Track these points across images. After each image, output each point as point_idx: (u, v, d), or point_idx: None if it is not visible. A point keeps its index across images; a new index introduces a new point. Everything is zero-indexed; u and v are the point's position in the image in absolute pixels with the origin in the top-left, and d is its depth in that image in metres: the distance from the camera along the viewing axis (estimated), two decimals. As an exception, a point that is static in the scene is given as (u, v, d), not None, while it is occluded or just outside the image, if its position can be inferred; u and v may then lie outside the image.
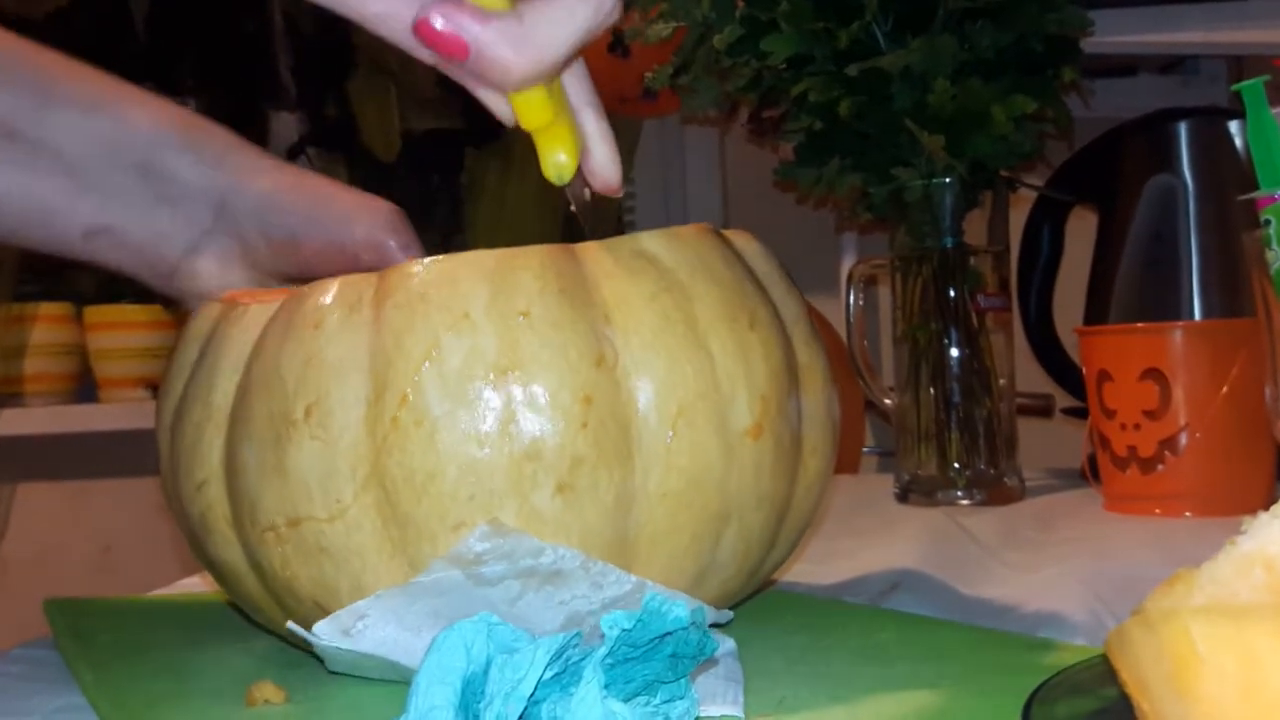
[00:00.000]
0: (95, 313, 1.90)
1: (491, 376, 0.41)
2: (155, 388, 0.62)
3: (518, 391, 0.41)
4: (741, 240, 0.49)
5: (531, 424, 0.41)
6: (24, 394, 1.90)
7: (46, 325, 1.89)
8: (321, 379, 0.42)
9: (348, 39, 1.89)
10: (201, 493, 0.46)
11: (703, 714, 0.39)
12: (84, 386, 1.94)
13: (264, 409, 0.43)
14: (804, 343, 0.48)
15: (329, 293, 0.44)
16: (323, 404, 0.42)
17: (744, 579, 0.47)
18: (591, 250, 0.44)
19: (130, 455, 1.76)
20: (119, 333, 1.88)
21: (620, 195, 0.50)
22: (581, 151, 0.48)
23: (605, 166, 0.49)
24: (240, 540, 0.45)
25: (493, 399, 0.41)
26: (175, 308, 0.62)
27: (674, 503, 0.43)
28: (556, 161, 0.46)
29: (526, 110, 0.45)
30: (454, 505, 0.41)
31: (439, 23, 0.42)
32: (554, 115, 0.46)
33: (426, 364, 0.41)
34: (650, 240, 0.45)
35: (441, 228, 1.86)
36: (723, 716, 0.39)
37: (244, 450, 0.44)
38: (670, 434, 0.42)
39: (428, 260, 0.43)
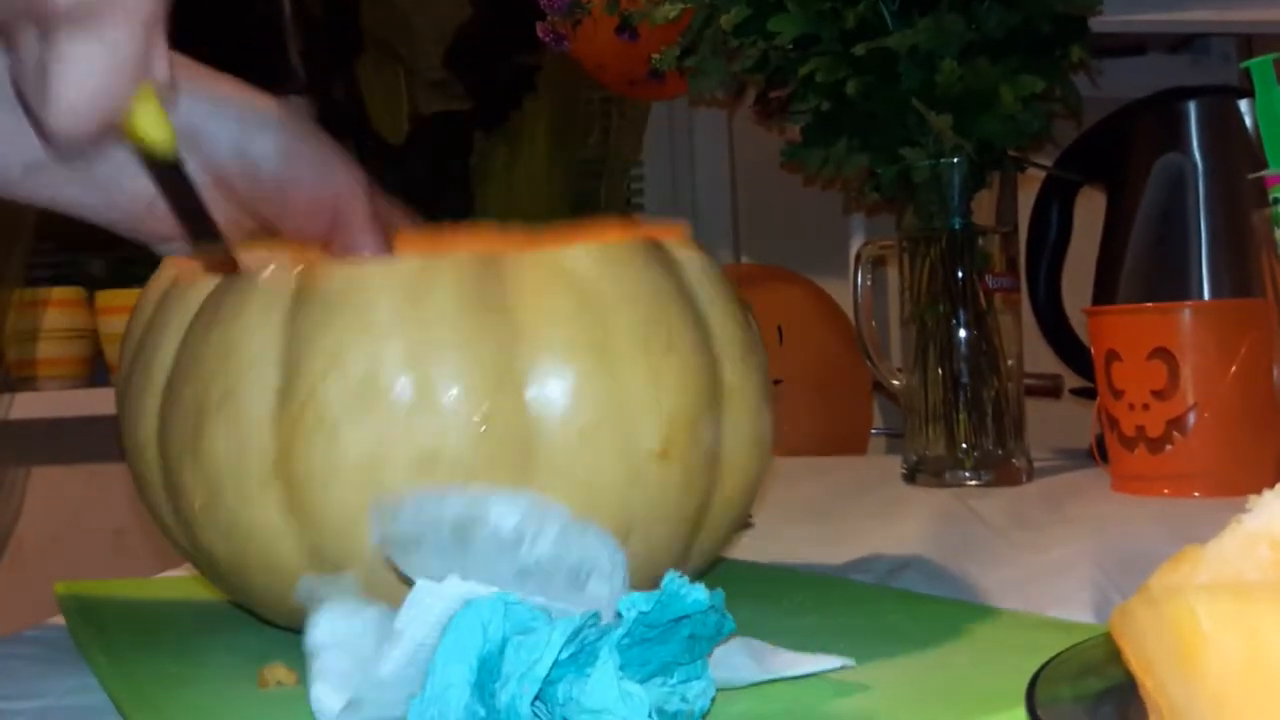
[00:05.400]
0: (107, 297, 1.91)
1: (394, 382, 0.42)
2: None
3: (419, 399, 0.41)
4: (686, 254, 0.49)
5: (430, 432, 0.41)
6: (37, 378, 1.91)
7: (58, 309, 1.90)
8: (236, 370, 0.43)
9: (356, 22, 1.88)
10: (141, 455, 0.48)
11: (813, 670, 0.40)
12: (96, 370, 1.94)
13: (188, 391, 0.45)
14: (735, 364, 0.48)
15: (254, 284, 0.45)
16: (235, 394, 0.43)
17: (649, 588, 0.48)
18: (516, 263, 0.44)
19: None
20: (130, 317, 1.88)
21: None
22: None
23: None
24: (171, 506, 0.47)
25: (394, 405, 0.41)
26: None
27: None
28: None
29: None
30: (352, 504, 0.42)
31: None
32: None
33: (332, 366, 0.42)
34: (580, 256, 0.45)
35: (450, 210, 1.86)
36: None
37: (170, 427, 0.45)
38: (571, 451, 0.43)
39: (346, 263, 0.44)
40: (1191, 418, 0.79)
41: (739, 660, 0.39)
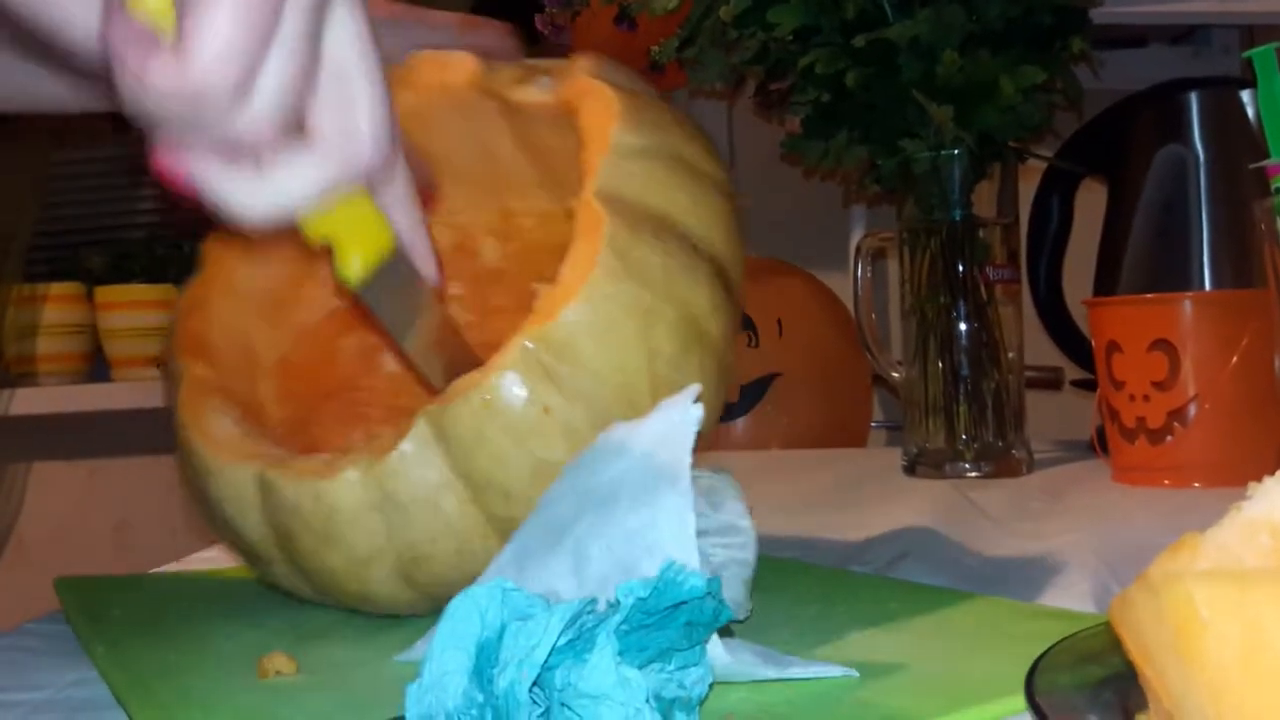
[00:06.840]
0: (106, 292, 1.91)
1: None
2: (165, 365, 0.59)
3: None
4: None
5: None
6: (37, 374, 1.91)
7: (57, 305, 1.90)
8: None
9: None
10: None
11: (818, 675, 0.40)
12: (96, 366, 1.94)
13: None
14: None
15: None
16: None
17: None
18: None
19: (142, 433, 1.77)
20: (130, 312, 1.89)
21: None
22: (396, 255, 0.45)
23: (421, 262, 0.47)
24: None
25: None
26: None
27: None
28: (346, 266, 0.43)
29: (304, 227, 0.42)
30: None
31: (185, 174, 0.39)
32: (340, 229, 0.43)
33: None
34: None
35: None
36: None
37: None
38: None
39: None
40: (1192, 409, 0.78)
41: (744, 655, 0.39)
